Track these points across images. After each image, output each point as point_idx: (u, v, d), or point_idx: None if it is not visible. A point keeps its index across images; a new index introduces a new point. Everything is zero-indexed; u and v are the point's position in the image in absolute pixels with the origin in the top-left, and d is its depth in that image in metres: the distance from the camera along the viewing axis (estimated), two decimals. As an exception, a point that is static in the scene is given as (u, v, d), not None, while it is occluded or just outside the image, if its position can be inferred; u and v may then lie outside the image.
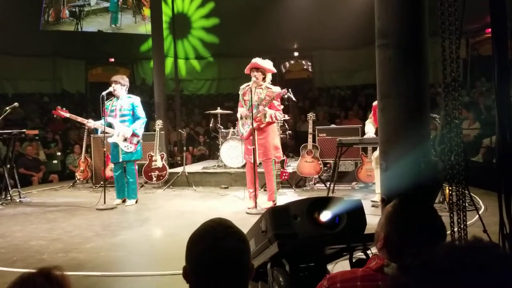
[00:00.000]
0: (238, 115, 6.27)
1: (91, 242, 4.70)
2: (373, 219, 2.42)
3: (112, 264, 3.98)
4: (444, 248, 0.74)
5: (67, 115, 6.79)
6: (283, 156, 7.60)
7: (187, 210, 6.31)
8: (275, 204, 6.00)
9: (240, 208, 6.08)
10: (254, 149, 5.86)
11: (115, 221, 5.72)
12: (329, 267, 2.80)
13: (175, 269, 3.83)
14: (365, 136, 6.57)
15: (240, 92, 6.26)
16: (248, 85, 6.12)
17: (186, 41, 18.07)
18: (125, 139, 6.61)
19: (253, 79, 5.96)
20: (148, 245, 4.74)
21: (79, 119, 6.85)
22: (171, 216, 5.97)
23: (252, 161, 5.93)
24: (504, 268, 0.68)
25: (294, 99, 7.89)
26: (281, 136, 8.11)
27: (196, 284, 1.30)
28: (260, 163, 6.30)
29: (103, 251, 4.39)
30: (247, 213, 5.78)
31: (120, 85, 6.65)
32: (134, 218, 5.97)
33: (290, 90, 7.86)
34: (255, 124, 5.95)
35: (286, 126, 8.38)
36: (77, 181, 8.89)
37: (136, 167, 6.90)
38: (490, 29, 2.70)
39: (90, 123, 6.78)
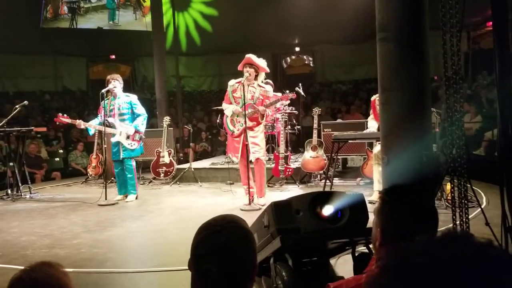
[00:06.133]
0: (228, 112, 6.16)
1: (78, 238, 4.74)
2: (372, 216, 2.44)
3: (87, 261, 3.98)
4: (420, 243, 0.73)
5: (68, 121, 6.94)
6: (287, 152, 7.58)
7: (183, 206, 6.33)
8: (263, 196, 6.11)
9: (237, 205, 6.05)
10: (247, 146, 5.85)
11: (110, 217, 5.74)
12: (332, 261, 2.81)
13: (150, 266, 3.87)
14: (365, 131, 6.53)
15: (230, 89, 6.18)
16: (239, 82, 6.07)
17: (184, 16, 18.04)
18: (128, 137, 6.65)
19: (246, 75, 5.90)
20: (132, 242, 4.75)
21: (73, 122, 6.92)
22: (165, 213, 5.99)
23: (244, 158, 5.94)
24: (482, 260, 0.66)
25: (303, 94, 7.93)
26: (290, 131, 8.08)
27: (194, 274, 1.34)
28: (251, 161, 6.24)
29: (85, 247, 4.41)
30: (241, 209, 5.74)
31: (119, 82, 6.69)
32: (130, 214, 6.00)
33: (300, 85, 7.85)
34: (251, 123, 5.94)
35: (294, 121, 8.34)
36: (89, 177, 8.96)
37: (134, 163, 6.94)
38: (491, 22, 2.70)
39: (80, 123, 6.80)
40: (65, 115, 6.94)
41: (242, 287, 1.34)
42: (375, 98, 5.93)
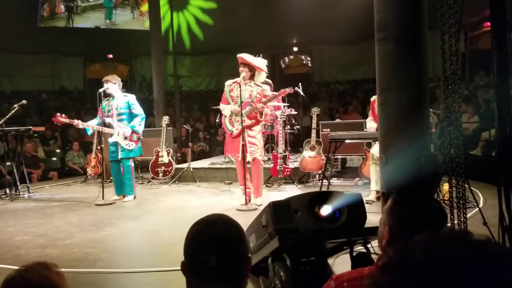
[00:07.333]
0: (226, 112, 6.14)
1: (72, 238, 4.72)
2: (369, 216, 2.44)
3: (79, 261, 3.96)
4: (420, 242, 0.73)
5: (67, 121, 6.94)
6: (286, 152, 7.56)
7: (180, 206, 6.31)
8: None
9: (235, 205, 6.02)
10: (244, 146, 5.84)
11: (106, 217, 5.72)
12: (330, 261, 2.81)
13: (143, 266, 3.84)
14: (364, 131, 6.53)
15: (227, 89, 6.16)
16: (235, 82, 6.05)
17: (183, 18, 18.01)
18: (125, 138, 6.64)
19: (243, 74, 5.91)
20: (126, 241, 4.73)
21: (71, 121, 6.93)
22: (161, 212, 5.98)
23: (240, 159, 5.93)
24: (484, 258, 0.66)
25: (302, 94, 7.93)
26: (289, 131, 8.06)
27: (190, 271, 1.34)
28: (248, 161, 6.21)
29: (78, 247, 4.39)
30: (238, 209, 5.72)
31: (111, 83, 6.66)
32: (126, 214, 5.98)
33: (300, 85, 7.85)
34: (249, 122, 5.93)
35: (294, 121, 8.32)
36: (88, 176, 8.96)
37: (132, 164, 6.91)
38: (488, 23, 2.71)
39: (78, 123, 6.78)
40: (63, 115, 6.94)
41: (238, 280, 1.34)
42: (374, 99, 5.92)
